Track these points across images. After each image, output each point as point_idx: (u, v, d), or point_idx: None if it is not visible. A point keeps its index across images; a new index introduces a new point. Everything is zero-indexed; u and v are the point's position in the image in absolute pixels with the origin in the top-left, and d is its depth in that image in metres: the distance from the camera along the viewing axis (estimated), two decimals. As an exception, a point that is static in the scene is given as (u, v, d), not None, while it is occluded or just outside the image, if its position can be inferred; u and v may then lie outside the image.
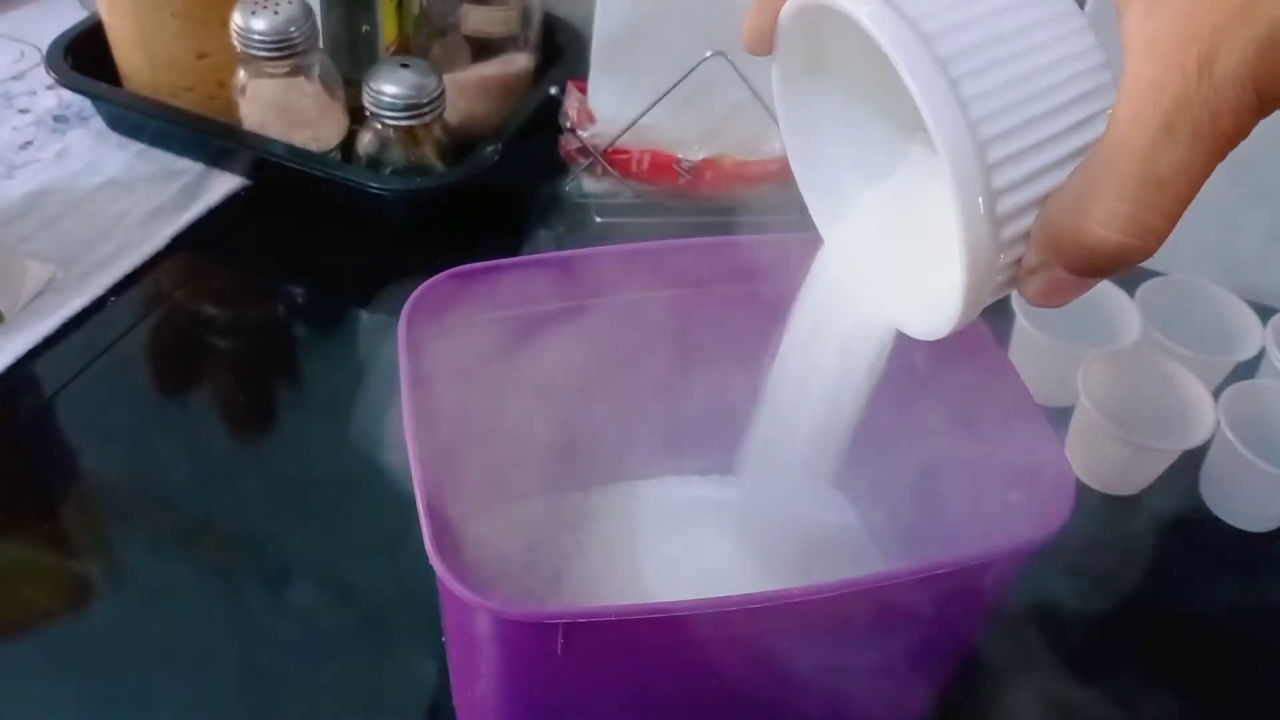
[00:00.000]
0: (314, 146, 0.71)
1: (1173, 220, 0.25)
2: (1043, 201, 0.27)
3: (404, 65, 0.67)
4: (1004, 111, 0.26)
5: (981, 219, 0.26)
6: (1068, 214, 0.26)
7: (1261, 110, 0.24)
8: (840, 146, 0.34)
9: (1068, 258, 0.26)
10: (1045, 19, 0.27)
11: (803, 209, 0.35)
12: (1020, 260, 0.27)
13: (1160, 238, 0.25)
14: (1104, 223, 0.25)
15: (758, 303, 0.48)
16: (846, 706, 0.45)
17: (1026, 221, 0.27)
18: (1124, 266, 0.26)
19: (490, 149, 0.70)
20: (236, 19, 0.67)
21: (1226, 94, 0.24)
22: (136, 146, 0.75)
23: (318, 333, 0.68)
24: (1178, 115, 0.24)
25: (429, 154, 0.70)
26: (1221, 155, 0.25)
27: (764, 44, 0.31)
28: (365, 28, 0.72)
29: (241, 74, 0.69)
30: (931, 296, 0.30)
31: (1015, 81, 0.26)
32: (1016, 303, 0.61)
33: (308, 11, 0.68)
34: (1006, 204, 0.26)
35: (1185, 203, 0.25)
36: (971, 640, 0.43)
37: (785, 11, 0.30)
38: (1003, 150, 0.26)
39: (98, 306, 0.64)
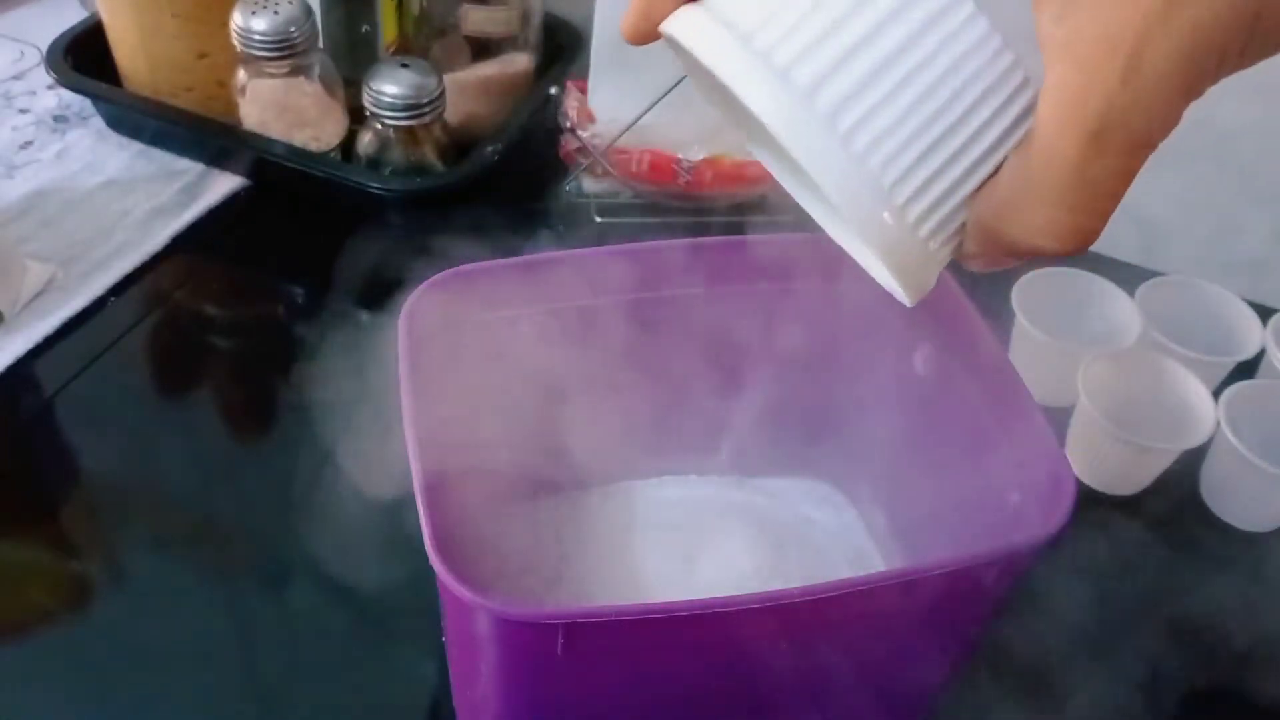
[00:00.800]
0: (314, 146, 0.71)
1: (1107, 218, 0.25)
2: (964, 203, 0.26)
3: (404, 65, 0.67)
4: (905, 148, 0.25)
5: (901, 245, 0.26)
6: (1003, 222, 0.26)
7: (1188, 102, 0.24)
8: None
9: (1005, 257, 0.27)
10: (924, 22, 0.25)
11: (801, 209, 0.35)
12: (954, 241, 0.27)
13: (1096, 236, 0.25)
14: (1041, 230, 0.25)
15: (758, 302, 0.49)
16: (846, 706, 0.45)
17: (951, 226, 0.26)
18: (1057, 255, 0.26)
19: (490, 149, 0.70)
20: (236, 19, 0.67)
21: (1156, 96, 0.24)
22: (136, 146, 0.75)
23: (318, 333, 0.68)
24: (1107, 121, 0.24)
25: (429, 154, 0.70)
26: (1153, 149, 0.25)
27: (642, 41, 0.30)
28: (365, 28, 0.72)
29: (241, 74, 0.69)
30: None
31: (910, 111, 0.25)
32: (1016, 303, 0.61)
33: (308, 11, 0.68)
34: (926, 228, 0.26)
35: (1119, 199, 0.25)
36: (971, 640, 0.43)
37: (663, 30, 0.28)
38: (910, 187, 0.25)
39: (98, 306, 0.64)
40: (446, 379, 0.44)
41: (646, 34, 0.28)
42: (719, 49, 0.25)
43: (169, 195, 0.72)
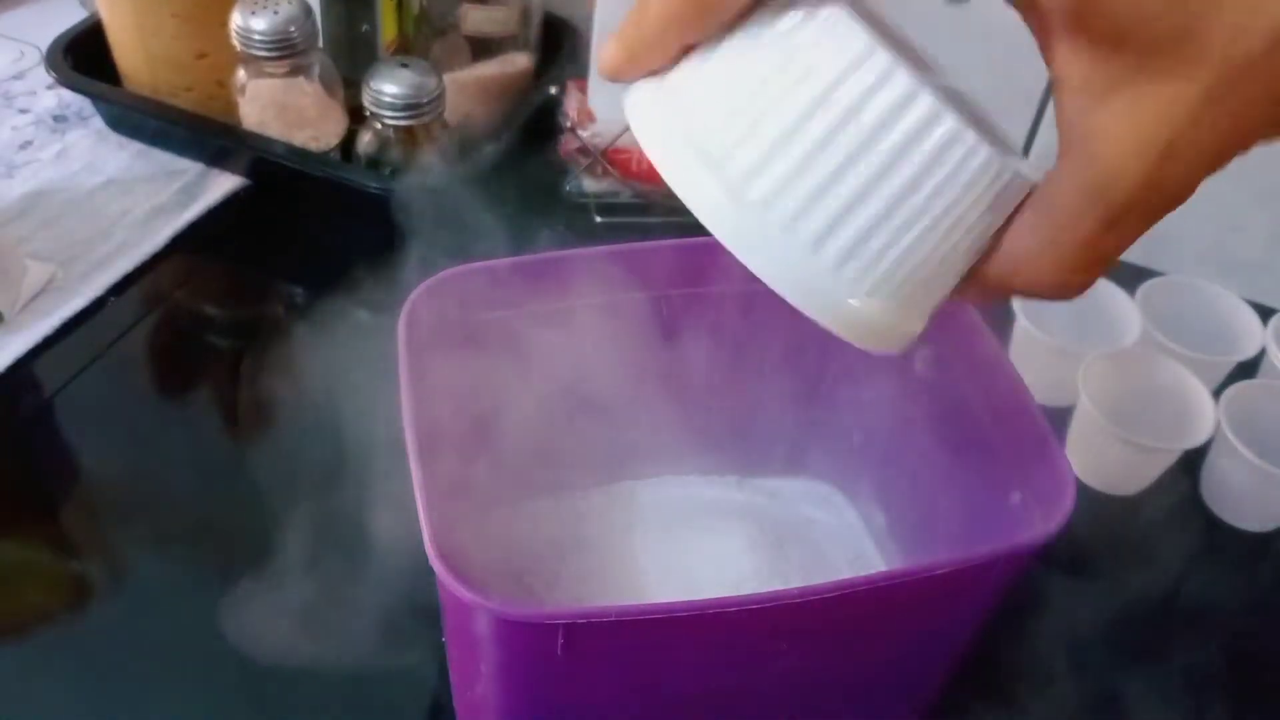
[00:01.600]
0: (314, 146, 0.71)
1: (1106, 272, 0.27)
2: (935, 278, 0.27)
3: (404, 65, 0.67)
4: (862, 242, 0.25)
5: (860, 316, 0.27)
6: (1013, 279, 0.27)
7: (1211, 174, 0.25)
8: None
9: (1006, 299, 0.29)
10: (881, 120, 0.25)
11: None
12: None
13: (1083, 291, 0.27)
14: (1048, 286, 0.27)
15: (758, 303, 0.48)
16: (846, 706, 0.45)
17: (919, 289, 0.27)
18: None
19: (490, 149, 0.70)
20: (236, 19, 0.67)
21: (1179, 184, 0.24)
22: (136, 146, 0.75)
23: (318, 333, 0.68)
24: (1128, 207, 0.24)
25: (429, 154, 0.70)
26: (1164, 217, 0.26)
27: (618, 80, 0.29)
28: (365, 27, 0.72)
29: (241, 74, 0.69)
30: None
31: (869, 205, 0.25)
32: (1016, 303, 0.61)
33: (307, 11, 0.68)
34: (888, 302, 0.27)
35: (1120, 257, 0.27)
36: (971, 640, 0.43)
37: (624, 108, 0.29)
38: (877, 274, 0.26)
39: (98, 306, 0.64)
40: (446, 379, 0.44)
41: (626, 77, 0.28)
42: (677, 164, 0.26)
43: (169, 195, 0.72)
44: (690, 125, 0.26)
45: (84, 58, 0.75)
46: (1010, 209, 0.26)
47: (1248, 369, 0.62)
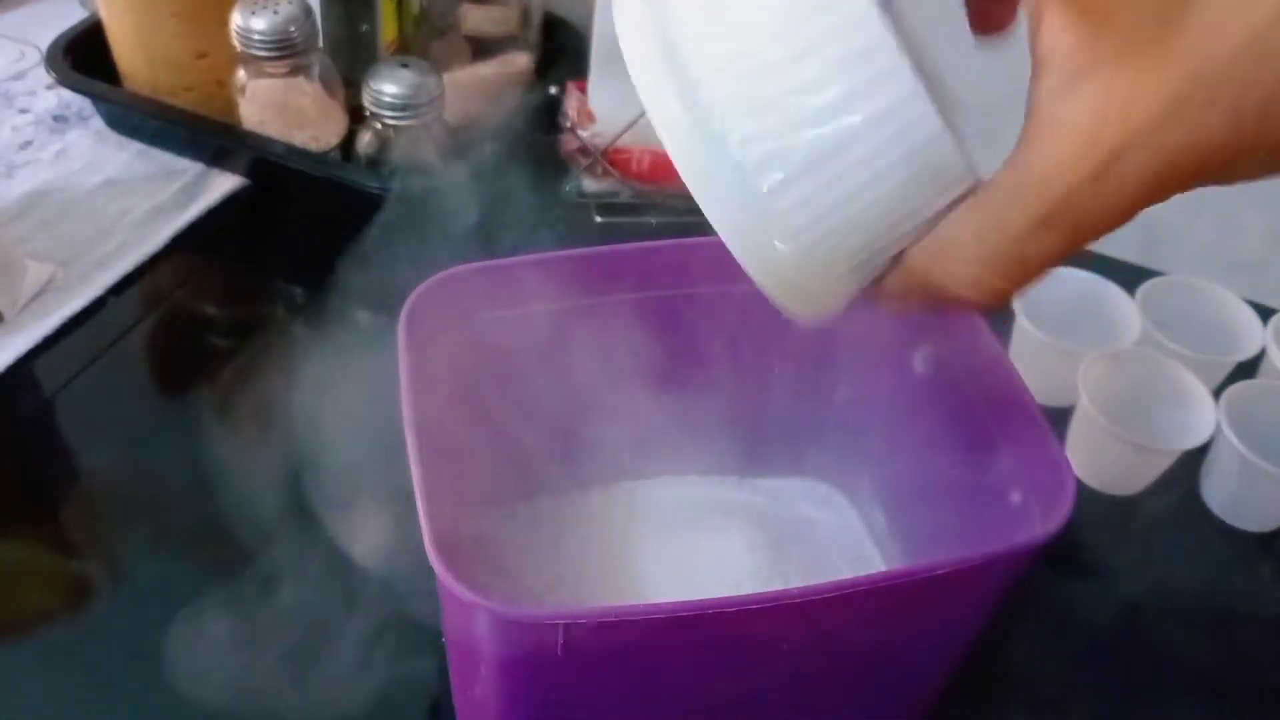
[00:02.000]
0: (314, 146, 0.71)
1: (1025, 289, 0.26)
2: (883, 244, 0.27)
3: (404, 65, 0.67)
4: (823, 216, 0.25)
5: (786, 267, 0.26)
6: (934, 264, 0.27)
7: (1148, 206, 0.24)
8: None
9: (921, 301, 0.28)
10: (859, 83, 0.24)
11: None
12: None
13: (1009, 300, 0.27)
14: (966, 284, 0.26)
15: (758, 302, 0.48)
16: (846, 707, 0.45)
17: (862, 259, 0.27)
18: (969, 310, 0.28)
19: (490, 149, 0.70)
20: (236, 19, 0.67)
21: (1116, 201, 0.23)
22: (136, 146, 0.75)
23: (317, 333, 0.68)
24: (1061, 209, 0.24)
25: (429, 154, 0.70)
26: (1095, 240, 0.25)
27: None
28: (365, 27, 0.72)
29: (241, 74, 0.69)
30: None
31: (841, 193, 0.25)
32: (1017, 303, 0.61)
33: (307, 11, 0.68)
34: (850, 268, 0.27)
35: (1043, 276, 0.26)
36: (971, 640, 0.43)
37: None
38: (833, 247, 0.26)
39: (98, 306, 0.64)
40: (446, 379, 0.44)
41: None
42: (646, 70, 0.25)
43: (169, 195, 0.72)
44: (664, 20, 0.25)
45: (84, 58, 0.75)
46: (951, 200, 0.26)
47: (1248, 369, 0.62)
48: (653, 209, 0.71)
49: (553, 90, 0.73)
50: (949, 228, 0.26)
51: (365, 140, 0.70)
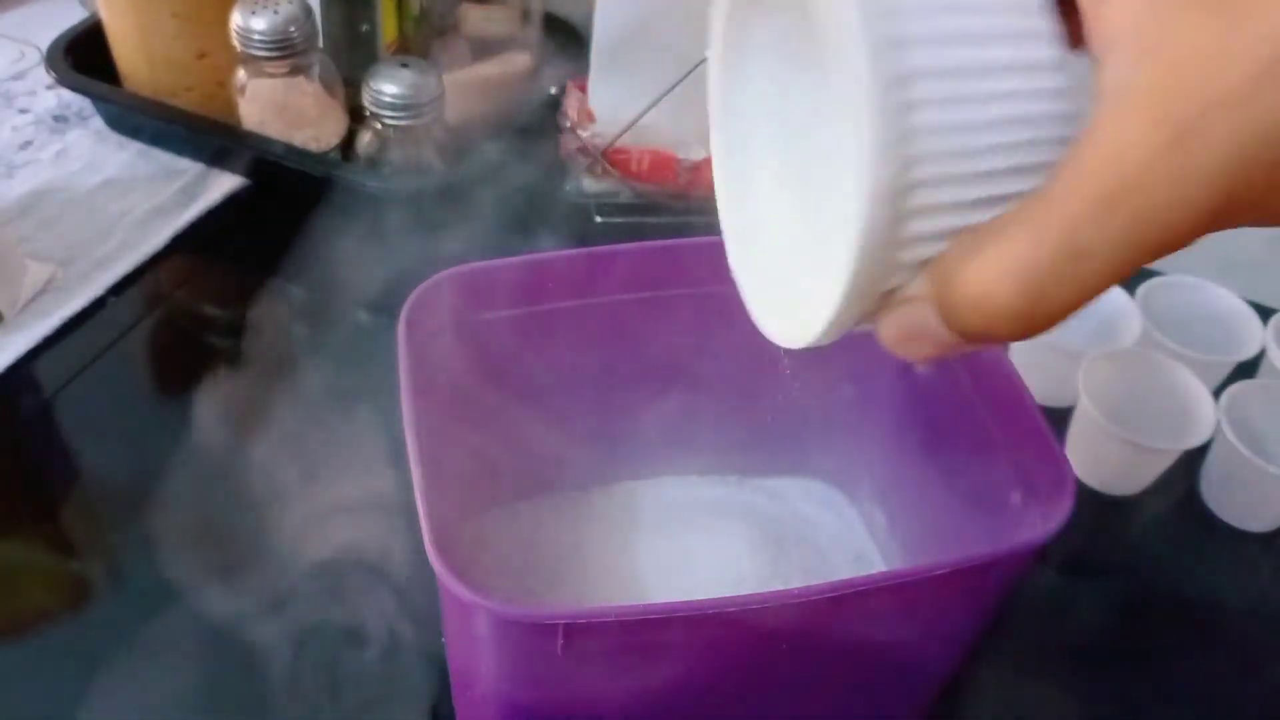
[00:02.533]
0: (314, 146, 0.71)
1: (1064, 309, 0.22)
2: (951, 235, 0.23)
3: (404, 65, 0.67)
4: (947, 157, 0.22)
5: (883, 229, 0.23)
6: (968, 252, 0.22)
7: (1215, 221, 0.21)
8: (761, 119, 0.31)
9: (944, 297, 0.23)
10: (1022, 60, 0.22)
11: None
12: (898, 288, 0.24)
13: (1039, 321, 0.22)
14: (1001, 271, 0.22)
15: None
16: (846, 707, 0.45)
17: (925, 250, 0.24)
18: (990, 337, 0.23)
19: (490, 149, 0.70)
20: (236, 18, 0.67)
21: (1193, 182, 0.20)
22: (136, 146, 0.75)
23: (317, 333, 0.68)
24: (1128, 187, 0.20)
25: (428, 154, 0.70)
26: (1145, 258, 0.21)
27: None
28: (365, 27, 0.72)
29: (241, 73, 0.69)
30: (801, 302, 0.28)
31: (971, 125, 0.22)
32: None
33: (307, 11, 0.68)
34: (912, 228, 0.23)
35: (1086, 295, 0.22)
36: (971, 640, 0.43)
37: None
38: (930, 192, 0.23)
39: (97, 306, 0.64)
40: (446, 379, 0.44)
41: None
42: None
43: (169, 195, 0.72)
44: None
45: (84, 58, 0.75)
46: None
47: (1248, 369, 0.62)
48: (653, 209, 0.71)
49: (553, 90, 0.73)
50: (989, 224, 0.22)
51: (365, 140, 0.70)
